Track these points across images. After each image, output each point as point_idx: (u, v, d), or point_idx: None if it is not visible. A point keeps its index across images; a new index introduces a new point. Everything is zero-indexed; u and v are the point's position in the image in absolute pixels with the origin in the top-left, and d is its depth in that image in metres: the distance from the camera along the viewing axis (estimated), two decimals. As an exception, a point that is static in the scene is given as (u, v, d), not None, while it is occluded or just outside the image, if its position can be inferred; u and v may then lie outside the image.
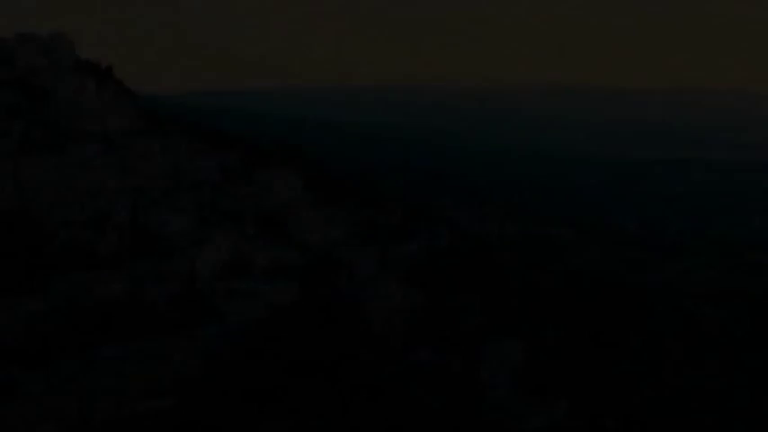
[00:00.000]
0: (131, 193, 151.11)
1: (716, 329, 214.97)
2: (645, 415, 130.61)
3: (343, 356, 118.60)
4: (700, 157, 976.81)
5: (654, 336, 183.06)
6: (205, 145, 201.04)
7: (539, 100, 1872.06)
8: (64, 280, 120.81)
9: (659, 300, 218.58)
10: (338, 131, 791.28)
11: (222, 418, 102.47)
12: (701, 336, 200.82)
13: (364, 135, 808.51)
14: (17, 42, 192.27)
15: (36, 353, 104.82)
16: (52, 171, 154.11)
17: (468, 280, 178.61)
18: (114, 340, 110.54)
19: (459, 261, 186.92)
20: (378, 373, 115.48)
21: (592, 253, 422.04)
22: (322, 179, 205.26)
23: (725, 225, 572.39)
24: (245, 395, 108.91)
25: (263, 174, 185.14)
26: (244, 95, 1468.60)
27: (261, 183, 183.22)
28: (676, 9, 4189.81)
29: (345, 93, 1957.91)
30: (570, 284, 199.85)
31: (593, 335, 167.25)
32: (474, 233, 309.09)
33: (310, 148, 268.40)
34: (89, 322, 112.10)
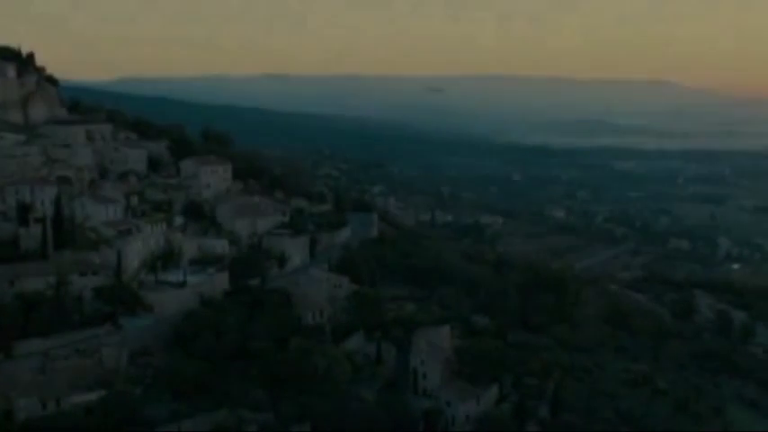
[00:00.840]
0: (55, 184, 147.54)
1: (640, 314, 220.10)
2: (574, 399, 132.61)
3: (274, 346, 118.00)
4: (625, 145, 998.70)
5: (582, 320, 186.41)
6: (132, 134, 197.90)
7: (468, 90, 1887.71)
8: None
9: (587, 285, 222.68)
10: (268, 121, 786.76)
11: (152, 411, 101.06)
12: (627, 320, 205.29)
13: (296, 125, 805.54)
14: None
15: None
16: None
17: (399, 269, 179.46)
18: (39, 334, 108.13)
19: (390, 250, 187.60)
20: (309, 362, 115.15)
21: (521, 240, 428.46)
22: (252, 169, 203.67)
23: (649, 212, 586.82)
24: (175, 387, 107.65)
25: (191, 163, 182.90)
26: (172, 84, 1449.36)
27: (189, 173, 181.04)
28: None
29: (277, 82, 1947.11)
30: (500, 271, 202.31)
31: (522, 321, 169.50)
32: (405, 222, 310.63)
33: (241, 138, 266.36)
34: (12, 316, 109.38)
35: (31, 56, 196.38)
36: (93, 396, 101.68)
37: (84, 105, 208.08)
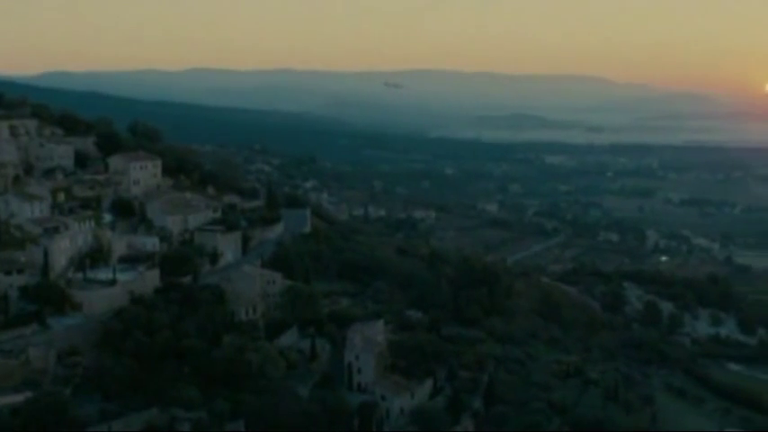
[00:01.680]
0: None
1: (571, 305, 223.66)
2: (507, 391, 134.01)
3: (206, 343, 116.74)
4: (555, 140, 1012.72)
5: (514, 313, 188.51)
6: (58, 130, 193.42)
7: (403, 84, 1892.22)
8: None
9: (519, 278, 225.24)
10: (199, 116, 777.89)
11: (81, 411, 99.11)
12: (558, 312, 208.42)
13: (227, 120, 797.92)
14: None
15: None
16: None
17: (332, 264, 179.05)
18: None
19: (323, 245, 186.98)
20: (242, 358, 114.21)
21: (454, 234, 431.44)
22: (183, 164, 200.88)
23: (579, 206, 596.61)
24: (105, 387, 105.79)
25: (120, 159, 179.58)
26: (101, 78, 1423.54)
27: (118, 169, 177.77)
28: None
29: (208, 77, 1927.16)
30: (433, 265, 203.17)
31: (455, 314, 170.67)
32: (337, 217, 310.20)
33: (171, 133, 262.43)
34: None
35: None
36: (19, 398, 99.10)
37: (8, 100, 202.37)
